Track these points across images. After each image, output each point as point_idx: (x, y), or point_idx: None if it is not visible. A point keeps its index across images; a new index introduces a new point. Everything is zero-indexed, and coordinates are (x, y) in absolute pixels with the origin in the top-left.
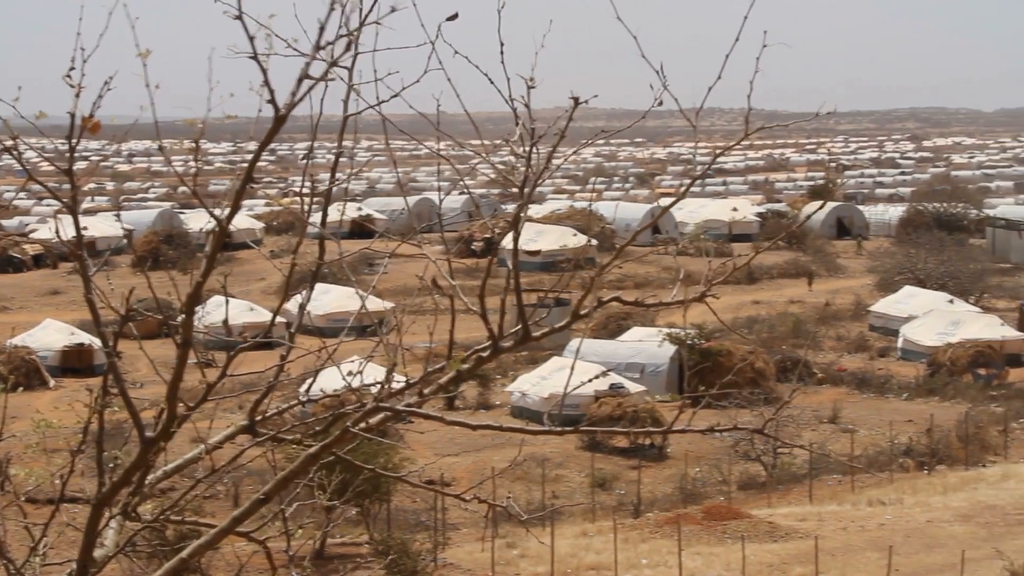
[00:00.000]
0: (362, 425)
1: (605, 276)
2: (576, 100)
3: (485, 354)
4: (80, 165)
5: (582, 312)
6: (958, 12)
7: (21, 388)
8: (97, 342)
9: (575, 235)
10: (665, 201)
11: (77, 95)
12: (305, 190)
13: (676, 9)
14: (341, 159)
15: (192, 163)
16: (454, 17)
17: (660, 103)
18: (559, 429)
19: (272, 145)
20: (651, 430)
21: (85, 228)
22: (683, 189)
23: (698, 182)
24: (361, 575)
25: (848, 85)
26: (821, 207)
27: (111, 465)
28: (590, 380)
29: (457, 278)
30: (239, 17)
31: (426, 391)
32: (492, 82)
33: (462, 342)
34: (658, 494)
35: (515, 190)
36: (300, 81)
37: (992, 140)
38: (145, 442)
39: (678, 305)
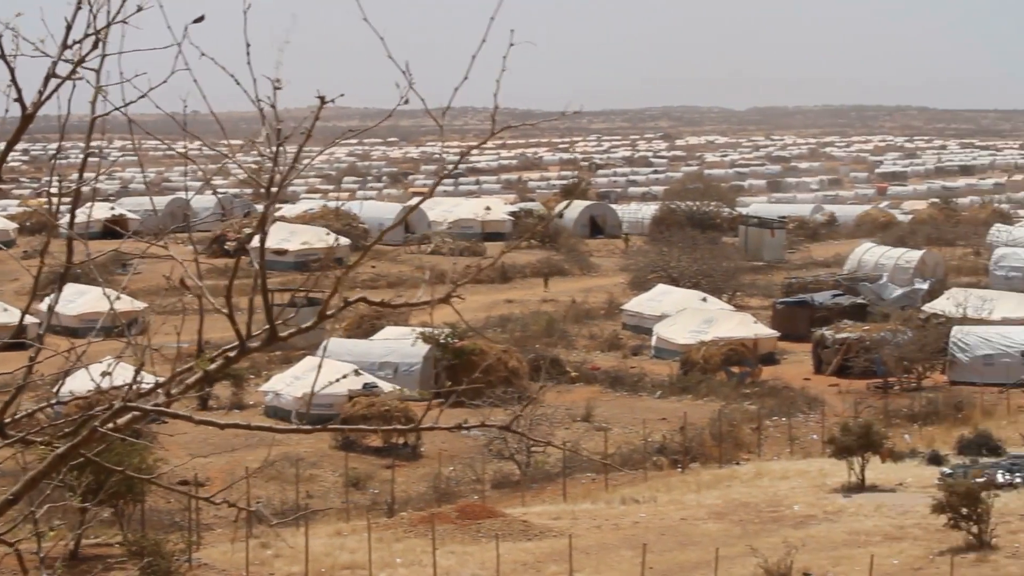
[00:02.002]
0: (111, 425)
1: (358, 276)
2: (323, 99)
3: (232, 354)
4: None
5: (329, 312)
6: (707, 12)
7: None
8: None
9: (328, 234)
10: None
11: None
12: (54, 190)
13: (435, 9)
14: (93, 159)
15: None
16: (200, 19)
17: (406, 102)
18: (307, 427)
19: (25, 145)
20: (399, 427)
21: None
22: (431, 187)
23: (451, 181)
24: None
25: (601, 85)
26: (566, 206)
27: None
28: (338, 380)
29: (211, 278)
30: None
31: (174, 391)
32: (239, 83)
33: (216, 342)
34: (412, 493)
35: (263, 188)
36: (47, 79)
37: (745, 139)
38: None
39: (424, 306)
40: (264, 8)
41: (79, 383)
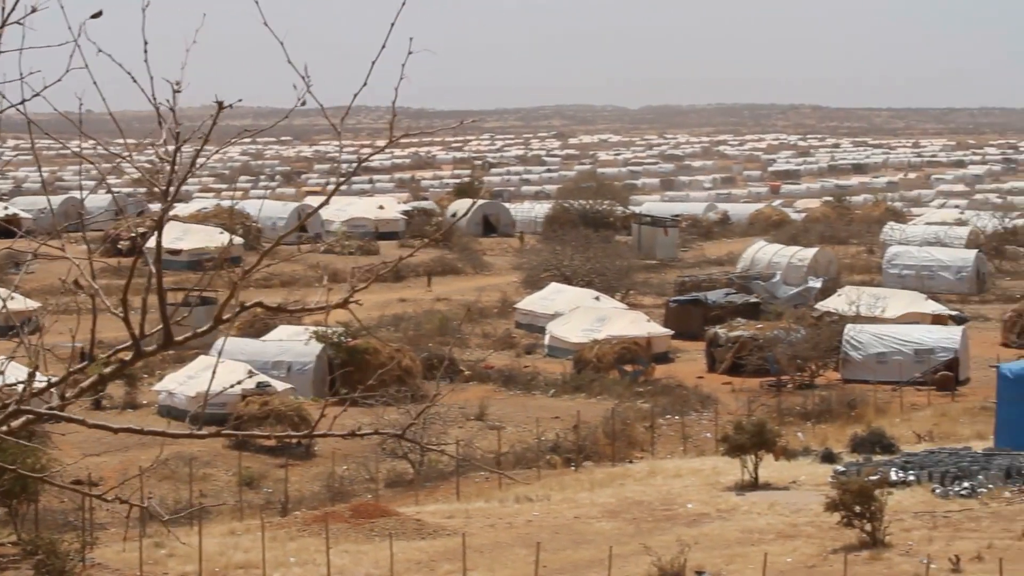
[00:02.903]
0: (4, 428)
1: (252, 275)
2: (220, 104)
3: (127, 358)
4: None
5: (225, 317)
6: (599, 14)
7: None
8: None
9: (221, 234)
10: (311, 199)
11: None
12: None
13: (328, 11)
14: None
15: None
16: (98, 15)
17: (303, 104)
18: (200, 433)
19: None
20: (292, 434)
21: None
22: (331, 190)
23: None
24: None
25: (494, 84)
26: (468, 211)
27: None
28: (232, 386)
29: (104, 277)
30: None
31: (68, 395)
32: (136, 81)
33: (109, 342)
34: (306, 492)
35: (159, 190)
36: None
37: (638, 137)
38: None
39: (321, 311)
40: (160, 6)
41: None
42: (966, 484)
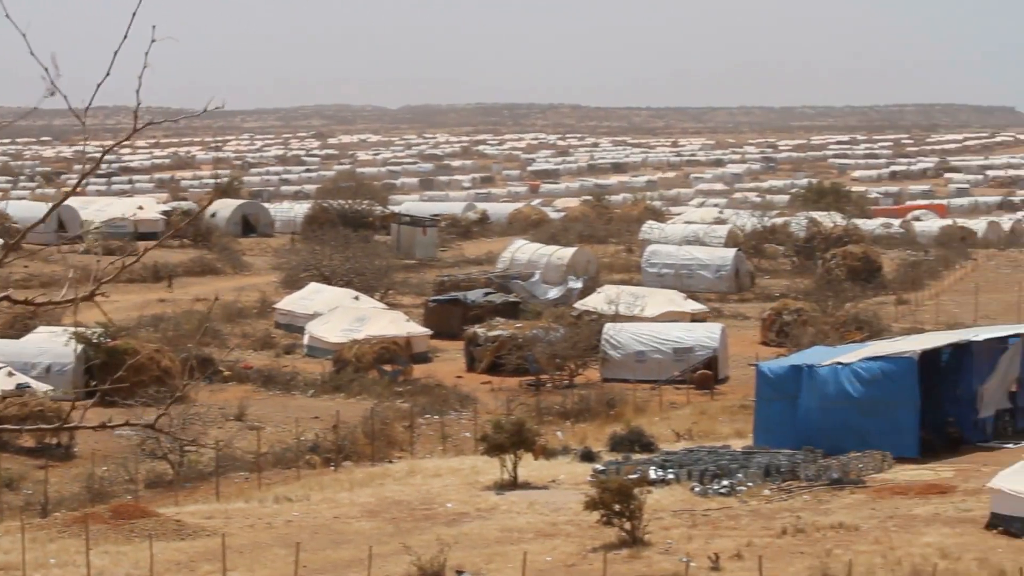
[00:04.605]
0: None
1: (11, 276)
2: None
3: None
4: None
5: None
6: (357, 13)
7: None
8: None
9: None
10: (72, 200)
11: None
12: None
13: (84, 9)
14: None
15: None
16: None
17: (52, 94)
18: None
19: None
20: (43, 427)
21: None
22: (76, 183)
23: (104, 180)
24: None
25: (254, 83)
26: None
27: None
28: None
29: None
30: None
31: None
32: None
33: None
34: (66, 493)
35: None
36: None
37: (398, 137)
38: None
39: (69, 304)
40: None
41: None
42: (725, 482)
